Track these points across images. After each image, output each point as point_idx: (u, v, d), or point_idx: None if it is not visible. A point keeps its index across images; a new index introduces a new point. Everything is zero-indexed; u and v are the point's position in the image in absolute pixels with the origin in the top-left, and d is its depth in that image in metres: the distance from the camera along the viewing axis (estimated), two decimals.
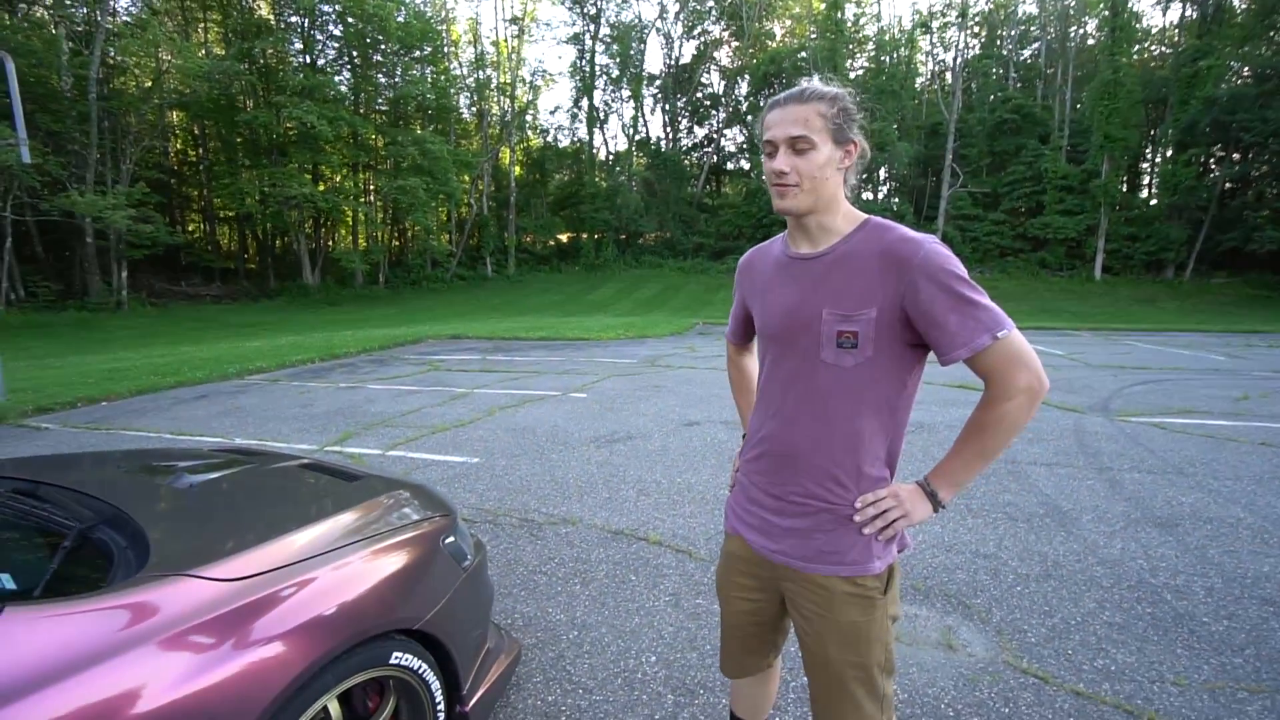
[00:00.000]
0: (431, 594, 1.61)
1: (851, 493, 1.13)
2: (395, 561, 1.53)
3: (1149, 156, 33.79)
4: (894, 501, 1.12)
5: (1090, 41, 35.60)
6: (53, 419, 6.19)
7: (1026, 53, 38.55)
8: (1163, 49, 35.08)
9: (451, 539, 1.79)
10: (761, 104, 37.81)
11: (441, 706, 1.63)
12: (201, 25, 31.32)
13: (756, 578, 1.28)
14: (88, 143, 22.59)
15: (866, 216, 1.13)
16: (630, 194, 35.95)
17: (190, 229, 33.81)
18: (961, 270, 1.04)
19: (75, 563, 1.17)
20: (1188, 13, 32.18)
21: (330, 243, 33.28)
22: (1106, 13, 28.92)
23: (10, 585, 0.98)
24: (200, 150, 32.22)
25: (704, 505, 3.70)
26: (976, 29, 38.61)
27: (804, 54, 34.78)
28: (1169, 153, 30.26)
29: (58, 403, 6.63)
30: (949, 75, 36.75)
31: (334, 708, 1.36)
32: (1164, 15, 34.19)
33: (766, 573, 1.25)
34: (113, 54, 24.05)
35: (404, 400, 6.79)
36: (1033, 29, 38.01)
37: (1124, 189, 31.37)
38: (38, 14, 23.70)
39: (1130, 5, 28.11)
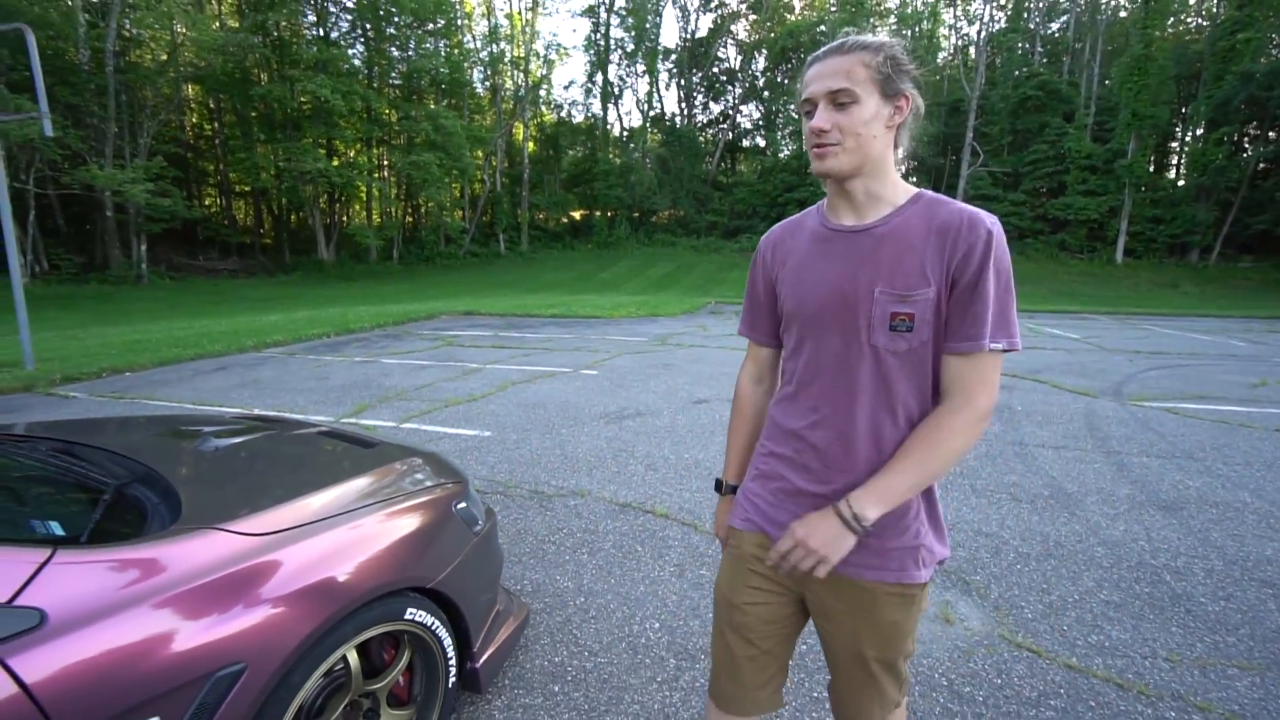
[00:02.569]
0: (444, 555, 1.69)
1: None
2: (409, 523, 1.60)
3: (1178, 135, 32.81)
4: (801, 552, 0.98)
5: (1122, 14, 34.43)
6: (79, 388, 6.37)
7: (1054, 26, 37.37)
8: (1199, 21, 33.81)
9: (463, 505, 1.87)
10: (780, 80, 37.14)
11: (453, 662, 1.72)
12: None
13: (777, 581, 1.14)
14: (106, 116, 22.76)
15: (919, 190, 1.03)
16: (644, 171, 35.63)
17: (207, 203, 34.09)
18: None
19: (113, 515, 1.25)
20: None
21: (345, 218, 33.44)
22: None
23: (60, 532, 1.05)
24: (216, 124, 32.33)
25: (710, 480, 3.76)
26: (1002, 1, 37.43)
27: (823, 27, 33.96)
28: (1200, 131, 29.37)
29: (83, 372, 6.81)
30: (972, 50, 35.77)
31: (352, 657, 1.44)
32: None
33: (789, 576, 1.12)
34: (128, 26, 24.05)
35: (418, 374, 6.90)
36: (1062, 1, 36.78)
37: (1150, 169, 30.55)
38: None
39: None
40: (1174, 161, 33.78)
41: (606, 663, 2.13)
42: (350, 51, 30.41)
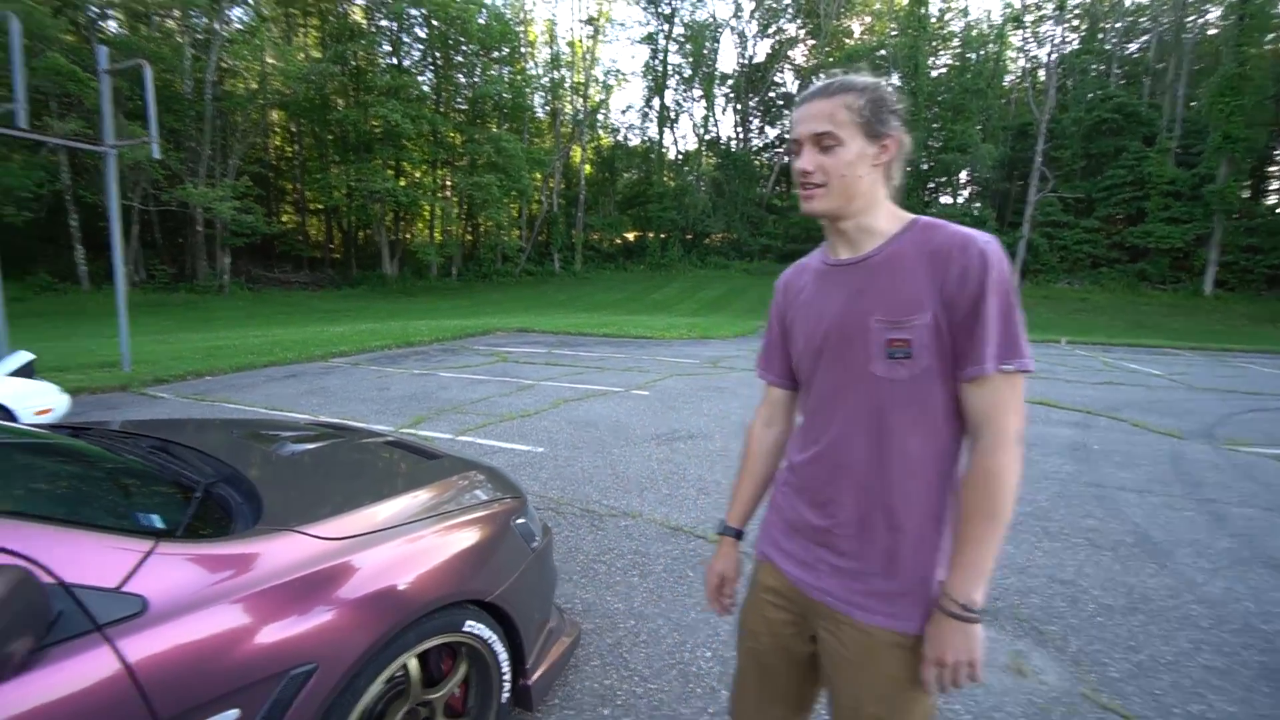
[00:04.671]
0: (502, 570, 1.70)
1: (907, 528, 0.98)
2: (470, 536, 1.62)
3: (1277, 159, 30.62)
4: (950, 673, 0.93)
5: (1211, 32, 32.60)
6: (166, 389, 6.82)
7: (1133, 46, 35.76)
8: None
9: (522, 520, 1.88)
10: None
11: (508, 677, 1.71)
12: (302, 29, 33.54)
13: (791, 613, 1.12)
14: (202, 140, 24.71)
15: (914, 217, 1.03)
16: (698, 194, 35.84)
17: (284, 220, 36.28)
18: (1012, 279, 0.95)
19: (204, 512, 1.32)
20: None
21: (408, 236, 34.93)
22: None
23: (160, 525, 1.12)
24: (296, 146, 34.55)
25: (763, 509, 3.67)
26: (1075, 22, 36.12)
27: (883, 51, 33.59)
28: None
29: (170, 375, 7.30)
30: (1042, 72, 34.55)
31: (413, 666, 1.46)
32: None
33: (800, 609, 1.10)
34: (226, 59, 26.15)
35: (474, 389, 7.07)
36: (1142, 20, 35.22)
37: (1245, 195, 28.56)
38: (167, 24, 26.10)
39: None
40: (1273, 187, 31.50)
41: (657, 689, 2.09)
42: (420, 78, 32.05)
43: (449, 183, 33.85)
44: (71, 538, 0.97)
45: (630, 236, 38.99)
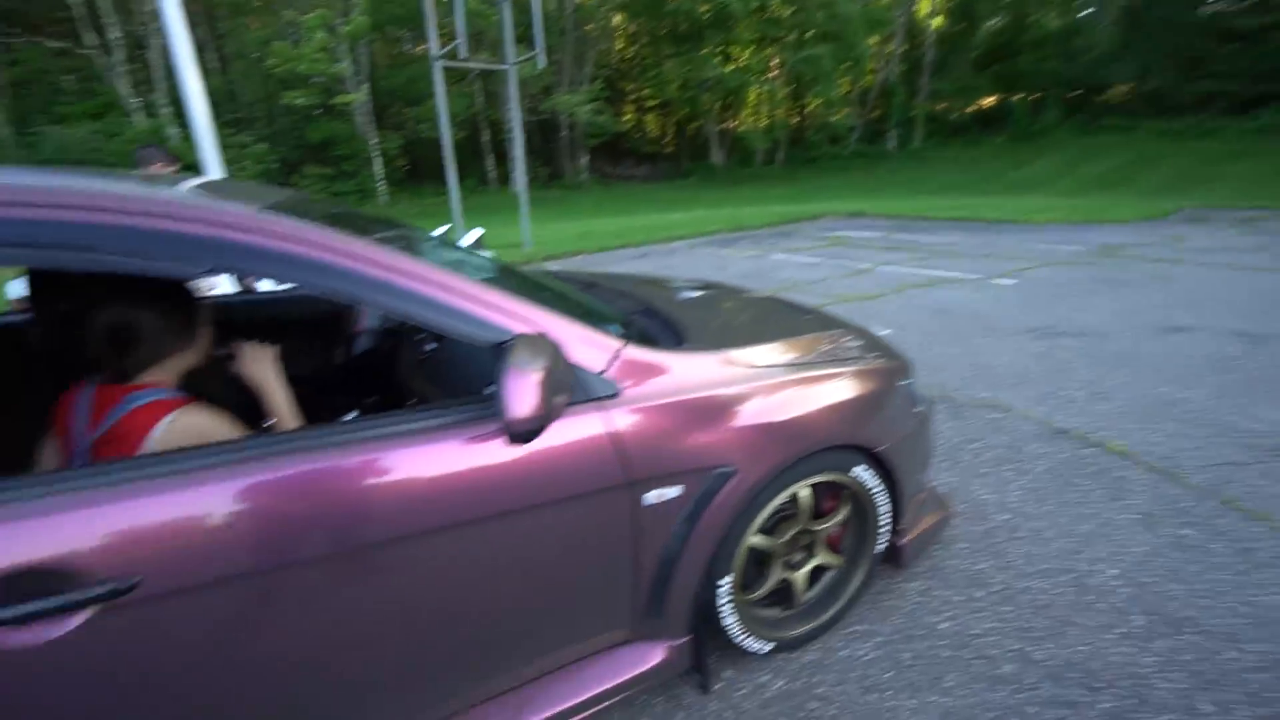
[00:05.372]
0: (891, 425, 1.66)
1: None
2: (864, 386, 1.59)
3: None
4: None
5: None
6: (554, 264, 8.45)
7: None
8: None
9: (908, 382, 1.78)
10: None
11: (884, 530, 1.72)
12: None
13: None
14: (564, 52, 28.26)
15: None
16: (1098, 30, 26.95)
17: (625, 119, 39.99)
18: None
19: (642, 329, 1.55)
20: None
21: (735, 124, 35.10)
22: None
23: (619, 331, 1.36)
24: (634, 47, 36.91)
25: (1196, 427, 2.83)
26: None
27: None
28: None
29: (557, 253, 9.00)
30: None
31: (805, 495, 1.54)
32: None
33: None
34: None
35: (809, 270, 6.97)
36: None
37: None
38: None
39: None
40: None
41: (1042, 589, 1.86)
42: None
43: (776, 61, 32.32)
44: (574, 330, 1.22)
45: (986, 103, 32.07)
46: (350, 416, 1.83)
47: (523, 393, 0.93)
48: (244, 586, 0.91)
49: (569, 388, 1.11)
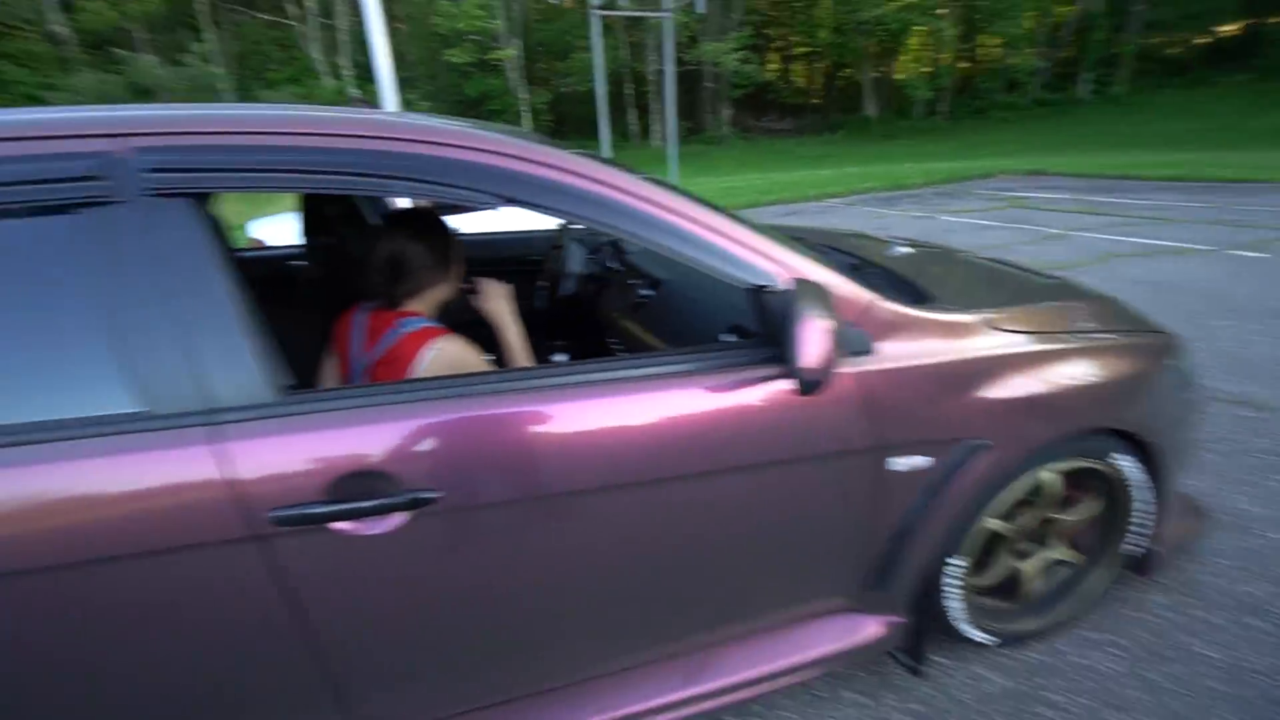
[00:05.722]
0: (1157, 409, 1.42)
1: None
2: (1132, 362, 1.37)
3: None
4: None
5: None
6: None
7: None
8: None
9: (1175, 362, 1.49)
10: None
11: (1138, 529, 1.49)
12: None
13: None
14: None
15: None
16: None
17: (770, 68, 37.82)
18: None
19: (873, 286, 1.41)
20: None
21: (891, 71, 31.99)
22: None
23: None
24: None
25: None
26: None
27: None
28: None
29: None
30: None
31: (1052, 480, 1.37)
32: None
33: None
34: None
35: (983, 234, 6.25)
36: None
37: None
38: None
39: None
40: None
41: None
42: None
43: None
44: (830, 277, 1.12)
45: (1226, 30, 26.30)
46: (559, 358, 1.91)
47: (817, 341, 0.88)
48: (535, 509, 0.97)
49: (841, 340, 1.04)
